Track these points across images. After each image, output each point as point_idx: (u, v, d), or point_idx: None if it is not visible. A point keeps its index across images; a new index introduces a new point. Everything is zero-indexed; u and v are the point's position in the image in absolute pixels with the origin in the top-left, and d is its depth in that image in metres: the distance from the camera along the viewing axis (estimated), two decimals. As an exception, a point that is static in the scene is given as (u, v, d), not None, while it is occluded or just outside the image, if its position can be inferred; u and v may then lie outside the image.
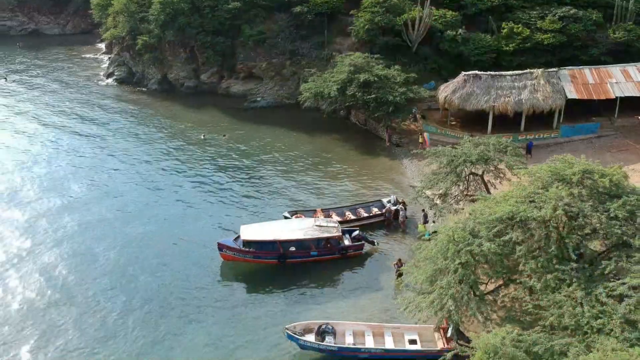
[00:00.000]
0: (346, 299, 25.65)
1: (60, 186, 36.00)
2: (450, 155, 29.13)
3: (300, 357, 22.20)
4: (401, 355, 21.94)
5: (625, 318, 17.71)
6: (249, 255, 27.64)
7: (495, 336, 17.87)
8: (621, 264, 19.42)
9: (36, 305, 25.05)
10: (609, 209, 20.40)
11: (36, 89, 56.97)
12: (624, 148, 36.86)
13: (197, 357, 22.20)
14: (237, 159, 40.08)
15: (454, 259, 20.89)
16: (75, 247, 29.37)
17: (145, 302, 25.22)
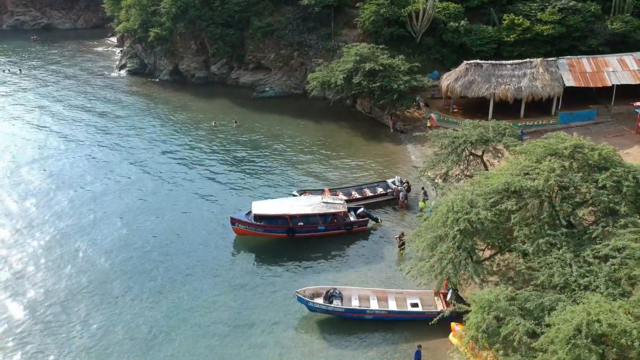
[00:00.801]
0: (352, 269, 27.24)
1: (78, 171, 37.82)
2: (451, 137, 30.66)
3: (309, 318, 23.78)
4: (403, 317, 23.46)
5: (610, 276, 19.21)
6: (260, 229, 29.26)
7: (490, 293, 19.43)
8: (607, 228, 20.95)
9: (72, 269, 26.87)
10: (597, 179, 21.92)
11: (50, 80, 58.81)
12: (619, 134, 38.25)
13: (213, 316, 23.81)
14: (247, 144, 41.76)
15: (452, 227, 22.41)
16: (107, 224, 31.17)
17: (167, 270, 26.97)
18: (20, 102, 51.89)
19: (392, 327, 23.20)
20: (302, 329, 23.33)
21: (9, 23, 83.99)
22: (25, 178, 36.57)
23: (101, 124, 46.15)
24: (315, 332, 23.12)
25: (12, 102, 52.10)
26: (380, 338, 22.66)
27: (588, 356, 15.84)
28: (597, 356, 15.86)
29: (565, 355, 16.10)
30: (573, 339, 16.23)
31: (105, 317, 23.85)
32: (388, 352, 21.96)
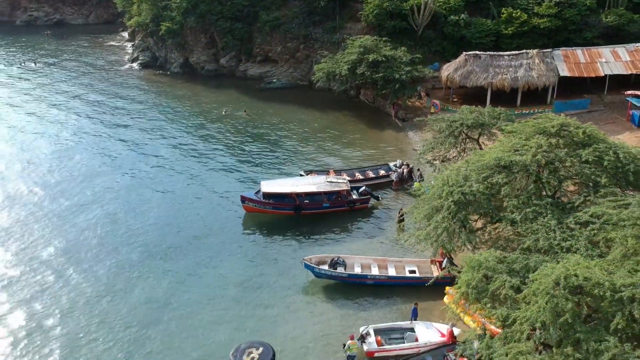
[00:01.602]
0: (354, 242, 29.22)
1: (95, 157, 39.92)
2: (449, 121, 32.57)
3: (314, 284, 25.75)
4: (402, 282, 25.40)
5: (589, 240, 21.11)
6: (268, 206, 31.23)
7: (480, 255, 21.34)
8: (589, 198, 22.83)
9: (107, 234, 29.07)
10: (581, 154, 23.77)
11: (65, 73, 60.95)
12: (611, 121, 39.98)
13: (225, 281, 25.84)
14: (256, 130, 43.77)
15: (447, 198, 24.29)
16: (126, 203, 33.38)
17: (182, 242, 29.07)
18: (37, 93, 54.00)
19: (391, 291, 25.13)
20: (308, 293, 25.32)
21: (22, 19, 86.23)
22: (53, 166, 38.42)
23: (115, 113, 48.23)
24: (320, 295, 25.09)
25: (29, 93, 54.24)
26: (380, 300, 24.66)
27: (564, 305, 17.61)
28: (572, 305, 17.65)
29: (545, 305, 17.89)
30: (552, 290, 18.06)
31: (129, 278, 26.05)
32: (387, 311, 23.94)
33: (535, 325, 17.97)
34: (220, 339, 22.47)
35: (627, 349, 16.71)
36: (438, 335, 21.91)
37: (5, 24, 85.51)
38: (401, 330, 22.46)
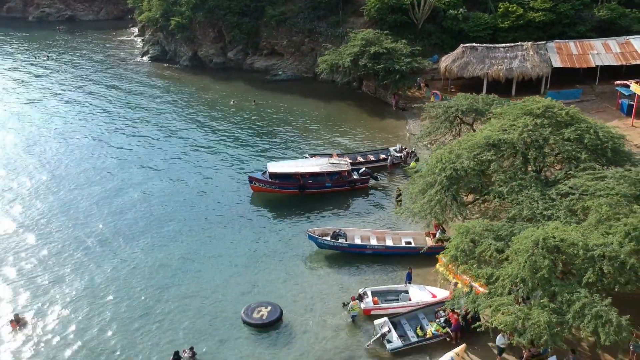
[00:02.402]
0: (354, 217, 31.30)
1: (111, 144, 42.12)
2: (444, 107, 34.65)
3: (317, 254, 27.84)
4: (398, 252, 27.43)
5: (568, 208, 23.13)
6: (274, 186, 33.35)
7: (469, 222, 23.39)
8: (570, 172, 24.85)
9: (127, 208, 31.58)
10: (564, 133, 25.79)
11: (77, 66, 63.18)
12: (601, 110, 41.85)
13: (236, 251, 27.99)
14: (263, 119, 45.90)
15: (440, 174, 26.36)
16: (144, 185, 35.67)
17: (195, 218, 31.30)
18: (50, 85, 56.22)
19: (388, 260, 27.19)
20: (311, 261, 27.42)
21: (35, 15, 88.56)
22: (72, 155, 40.54)
23: (127, 104, 50.43)
24: (322, 263, 27.19)
25: (43, 85, 56.47)
26: (378, 267, 26.75)
27: (542, 262, 19.62)
28: (549, 262, 19.66)
29: (525, 262, 19.91)
30: (531, 250, 20.09)
31: (149, 247, 28.42)
32: (384, 277, 25.99)
33: (515, 281, 20.01)
34: (231, 300, 24.57)
35: (597, 299, 18.71)
36: (430, 296, 23.96)
37: (19, 20, 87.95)
38: (396, 292, 24.50)
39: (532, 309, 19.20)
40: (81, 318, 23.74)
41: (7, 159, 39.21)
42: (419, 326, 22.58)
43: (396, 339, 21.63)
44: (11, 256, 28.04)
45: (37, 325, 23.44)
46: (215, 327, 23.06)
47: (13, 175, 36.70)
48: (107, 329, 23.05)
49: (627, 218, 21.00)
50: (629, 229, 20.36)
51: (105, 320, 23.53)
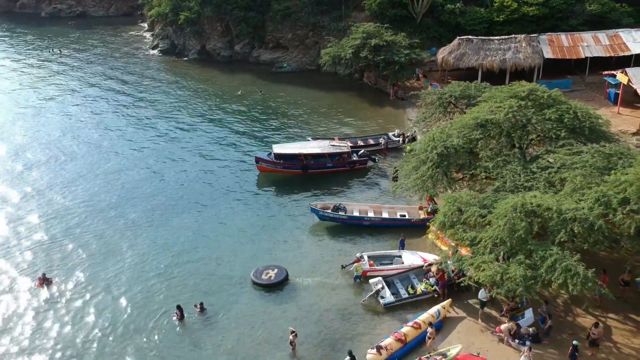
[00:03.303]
0: (353, 194, 33.67)
1: (124, 132, 44.70)
2: (439, 94, 36.91)
3: (319, 225, 30.22)
4: (393, 223, 29.76)
5: (547, 180, 25.37)
6: (279, 166, 35.73)
7: (457, 193, 25.71)
8: (550, 148, 27.11)
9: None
10: (545, 113, 28.04)
11: (89, 59, 65.81)
12: (590, 99, 43.91)
13: (244, 223, 30.42)
14: (269, 107, 48.37)
15: (432, 151, 28.63)
16: (158, 167, 38.31)
17: (206, 195, 33.83)
18: (64, 77, 58.89)
19: (384, 230, 29.54)
20: (313, 232, 29.82)
21: (47, 11, 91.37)
22: (87, 141, 43.24)
23: (139, 94, 53.00)
24: (323, 233, 29.59)
25: (57, 77, 59.11)
26: (374, 237, 29.14)
27: (519, 224, 21.89)
28: (526, 224, 21.92)
29: (504, 224, 22.20)
30: (510, 213, 22.37)
31: (161, 220, 30.72)
32: (379, 245, 28.34)
33: (496, 242, 22.30)
34: (239, 264, 27.00)
35: (567, 255, 21.00)
36: (420, 260, 26.26)
37: (32, 15, 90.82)
38: (390, 257, 26.87)
39: (509, 265, 21.50)
40: (101, 280, 26.18)
41: (33, 146, 41.85)
42: (410, 285, 24.92)
43: (389, 295, 23.96)
44: (44, 224, 30.76)
45: (61, 285, 25.87)
46: (225, 287, 25.46)
47: (38, 158, 39.38)
48: (123, 289, 25.51)
49: (599, 187, 23.26)
50: (598, 195, 22.58)
51: (122, 281, 26.02)
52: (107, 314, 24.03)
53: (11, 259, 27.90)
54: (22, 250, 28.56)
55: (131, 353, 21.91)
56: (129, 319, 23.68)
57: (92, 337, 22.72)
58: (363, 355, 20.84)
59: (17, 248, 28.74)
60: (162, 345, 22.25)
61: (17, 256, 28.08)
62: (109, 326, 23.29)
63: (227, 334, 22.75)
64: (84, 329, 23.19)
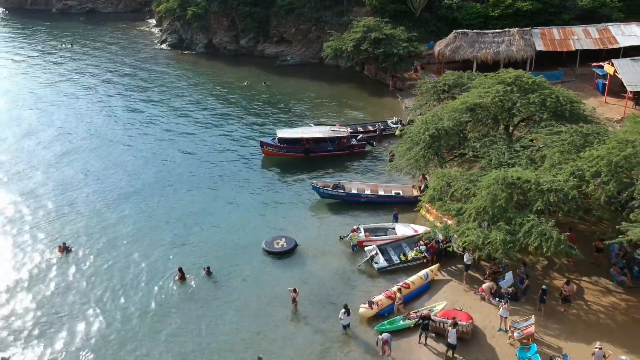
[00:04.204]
0: (352, 175, 36.00)
1: (137, 118, 47.11)
2: (434, 82, 39.17)
3: (320, 202, 32.54)
4: (389, 200, 32.03)
5: (529, 157, 27.61)
6: (282, 149, 38.04)
7: (446, 170, 27.97)
8: (532, 129, 29.33)
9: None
10: (529, 97, 30.25)
11: (99, 53, 68.12)
12: (579, 89, 45.93)
13: (251, 201, 32.80)
14: (274, 97, 50.70)
15: (424, 133, 30.90)
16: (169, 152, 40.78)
17: (214, 175, 36.26)
18: (75, 70, 61.27)
19: (379, 207, 31.82)
20: (314, 208, 32.21)
21: (57, 7, 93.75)
22: (101, 132, 45.63)
23: (148, 85, 55.35)
24: (324, 209, 31.98)
25: (68, 69, 61.54)
26: (371, 212, 31.43)
27: (500, 194, 24.10)
28: (506, 194, 24.14)
29: (486, 195, 24.43)
30: (492, 185, 24.59)
31: (174, 196, 33.21)
32: (375, 219, 30.62)
33: (479, 210, 24.53)
34: (247, 234, 29.49)
35: (543, 221, 23.23)
36: (412, 231, 28.52)
37: (43, 12, 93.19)
38: (385, 229, 29.16)
39: (491, 231, 23.74)
40: (117, 247, 28.63)
41: (50, 132, 44.34)
42: (402, 253, 27.22)
43: (382, 261, 26.27)
44: (66, 198, 33.37)
45: (79, 253, 28.31)
46: (234, 254, 27.96)
47: (61, 143, 42.07)
48: (137, 255, 28.02)
49: (574, 162, 25.46)
50: (573, 169, 24.82)
51: (136, 248, 28.56)
52: (120, 274, 26.59)
53: (37, 229, 30.33)
54: (48, 221, 31.11)
55: (142, 308, 24.32)
56: (140, 280, 26.22)
57: (105, 295, 25.27)
58: (357, 309, 23.15)
59: (45, 219, 31.28)
60: (173, 302, 24.68)
61: (42, 227, 30.57)
62: (120, 288, 25.81)
63: (237, 293, 25.17)
64: (98, 288, 25.81)
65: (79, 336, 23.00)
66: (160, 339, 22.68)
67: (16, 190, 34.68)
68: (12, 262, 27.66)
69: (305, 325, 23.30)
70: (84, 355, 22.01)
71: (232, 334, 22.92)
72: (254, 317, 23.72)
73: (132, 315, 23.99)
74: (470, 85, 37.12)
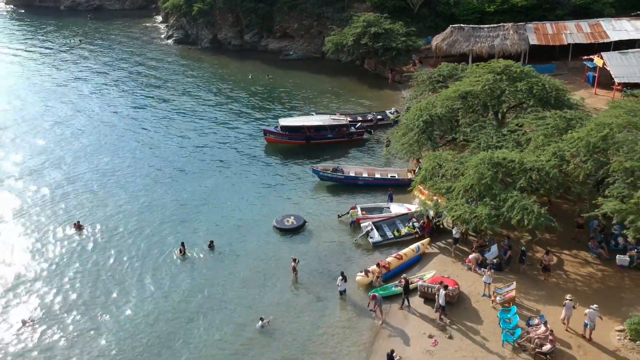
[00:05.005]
0: (351, 160, 37.90)
1: (146, 110, 49.14)
2: (429, 73, 41.03)
3: (320, 185, 34.47)
4: (384, 183, 33.94)
5: (515, 141, 29.45)
6: (284, 137, 39.97)
7: (438, 152, 29.85)
8: (520, 115, 31.18)
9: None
10: (517, 85, 32.11)
11: (107, 48, 70.14)
12: (571, 82, 47.76)
13: (255, 183, 34.82)
14: (276, 89, 52.62)
15: (418, 119, 32.78)
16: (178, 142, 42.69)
17: (219, 159, 38.24)
18: (84, 64, 63.37)
19: (376, 189, 33.77)
20: (315, 190, 34.20)
21: (66, 4, 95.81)
22: (111, 123, 47.86)
23: (155, 79, 57.33)
24: (324, 191, 33.95)
25: (78, 64, 63.63)
26: (367, 194, 33.32)
27: (486, 172, 25.92)
28: (492, 172, 25.96)
29: (474, 174, 26.27)
30: (479, 165, 26.42)
31: (184, 179, 35.11)
32: (372, 199, 32.50)
33: (467, 188, 26.39)
34: (252, 213, 31.56)
35: (525, 197, 25.08)
36: (405, 210, 30.41)
37: (51, 9, 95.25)
38: (380, 208, 31.05)
39: (477, 207, 25.61)
40: (128, 224, 30.66)
41: (62, 124, 46.41)
42: (396, 229, 29.11)
43: (377, 236, 28.17)
44: (81, 181, 35.53)
45: (92, 229, 30.33)
46: (240, 231, 29.94)
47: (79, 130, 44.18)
48: (147, 231, 30.05)
49: (557, 144, 27.30)
50: (555, 150, 26.69)
51: (145, 225, 30.60)
52: (129, 249, 28.63)
53: (53, 208, 32.37)
54: (64, 200, 33.16)
55: (150, 277, 26.38)
56: (148, 253, 28.22)
57: (114, 267, 27.28)
58: (354, 277, 25.08)
59: (61, 198, 33.40)
60: (177, 271, 26.67)
61: (59, 206, 32.64)
62: (127, 260, 27.85)
63: (242, 264, 27.11)
64: (108, 261, 27.83)
65: (88, 300, 25.17)
66: (167, 303, 24.66)
67: (39, 174, 36.90)
68: (33, 239, 29.70)
69: (304, 291, 25.24)
70: (99, 315, 24.03)
71: (235, 298, 24.87)
72: (257, 285, 25.67)
73: (140, 283, 26.03)
74: (463, 76, 39.23)
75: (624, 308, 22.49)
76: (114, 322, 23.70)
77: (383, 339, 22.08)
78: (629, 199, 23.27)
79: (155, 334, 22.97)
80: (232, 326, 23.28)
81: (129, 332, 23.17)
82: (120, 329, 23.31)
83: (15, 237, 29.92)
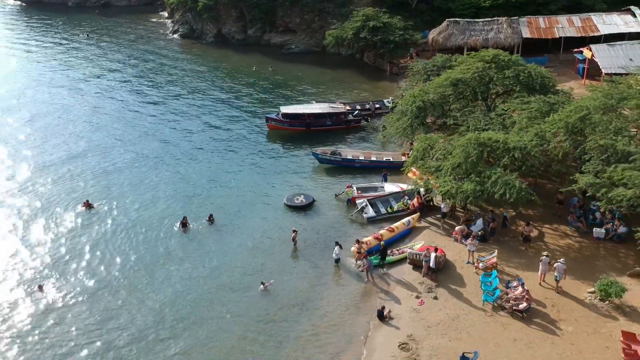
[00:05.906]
0: (349, 146, 39.81)
1: (153, 99, 51.20)
2: (424, 64, 42.98)
3: (319, 167, 36.51)
4: (380, 165, 35.87)
5: (502, 124, 31.42)
6: (286, 124, 41.98)
7: (429, 135, 31.83)
8: (506, 101, 33.13)
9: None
10: (505, 73, 34.04)
11: (114, 43, 72.25)
12: (562, 73, 49.67)
13: (257, 166, 36.85)
14: (279, 80, 54.61)
15: (412, 105, 34.77)
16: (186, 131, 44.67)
17: (222, 144, 40.25)
18: (92, 59, 65.54)
19: (372, 171, 35.76)
20: (315, 172, 36.29)
21: (73, 0, 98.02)
22: (119, 116, 49.98)
23: (162, 72, 59.40)
24: (323, 173, 36.00)
25: (86, 58, 65.81)
26: (363, 175, 35.35)
27: (472, 151, 27.89)
28: (477, 151, 27.93)
29: (461, 153, 28.21)
30: (465, 144, 28.36)
31: (190, 162, 37.40)
32: (367, 180, 34.52)
33: (454, 166, 28.34)
34: (255, 192, 33.65)
35: (508, 173, 27.04)
36: (398, 188, 32.38)
37: (59, 5, 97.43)
38: (375, 188, 33.07)
39: (464, 183, 27.58)
40: (135, 203, 32.71)
41: (71, 115, 48.54)
42: (389, 206, 31.08)
43: (371, 211, 30.17)
44: (90, 165, 37.53)
45: (101, 208, 32.39)
46: (245, 206, 32.10)
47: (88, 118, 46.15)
48: (153, 208, 32.16)
49: (539, 125, 29.25)
50: (537, 131, 28.64)
51: (151, 202, 32.73)
52: (137, 224, 30.68)
53: (66, 187, 34.49)
54: (74, 180, 35.28)
55: (162, 249, 28.47)
56: (157, 227, 30.21)
57: (123, 243, 29.23)
58: (349, 248, 27.11)
59: (77, 179, 35.56)
60: (185, 242, 28.77)
61: (69, 185, 34.76)
62: (135, 235, 29.80)
63: (249, 236, 29.23)
64: (117, 237, 29.76)
65: (99, 271, 27.20)
66: (171, 269, 26.85)
67: (52, 156, 39.01)
68: (46, 215, 31.75)
69: (303, 260, 27.33)
70: (114, 281, 26.12)
71: (238, 266, 26.93)
72: (258, 253, 27.71)
73: (144, 256, 28.10)
74: (455, 65, 41.15)
75: (597, 274, 24.37)
76: (131, 288, 25.74)
77: (375, 299, 24.09)
78: (603, 174, 25.23)
79: (170, 291, 25.22)
80: (241, 287, 25.50)
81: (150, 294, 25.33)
82: (143, 297, 25.44)
83: (30, 215, 31.95)
